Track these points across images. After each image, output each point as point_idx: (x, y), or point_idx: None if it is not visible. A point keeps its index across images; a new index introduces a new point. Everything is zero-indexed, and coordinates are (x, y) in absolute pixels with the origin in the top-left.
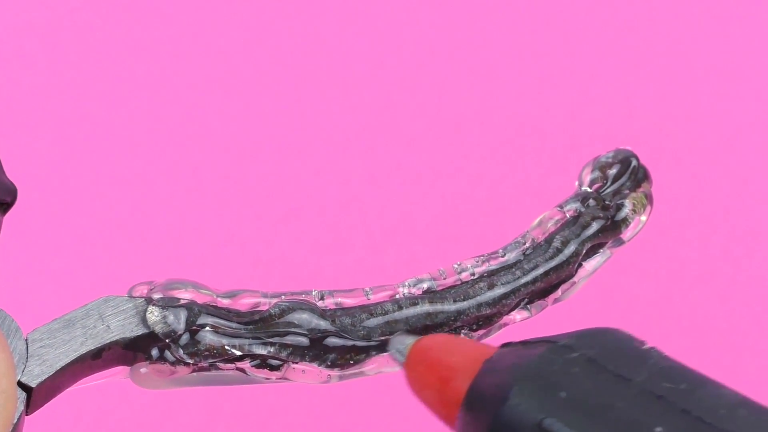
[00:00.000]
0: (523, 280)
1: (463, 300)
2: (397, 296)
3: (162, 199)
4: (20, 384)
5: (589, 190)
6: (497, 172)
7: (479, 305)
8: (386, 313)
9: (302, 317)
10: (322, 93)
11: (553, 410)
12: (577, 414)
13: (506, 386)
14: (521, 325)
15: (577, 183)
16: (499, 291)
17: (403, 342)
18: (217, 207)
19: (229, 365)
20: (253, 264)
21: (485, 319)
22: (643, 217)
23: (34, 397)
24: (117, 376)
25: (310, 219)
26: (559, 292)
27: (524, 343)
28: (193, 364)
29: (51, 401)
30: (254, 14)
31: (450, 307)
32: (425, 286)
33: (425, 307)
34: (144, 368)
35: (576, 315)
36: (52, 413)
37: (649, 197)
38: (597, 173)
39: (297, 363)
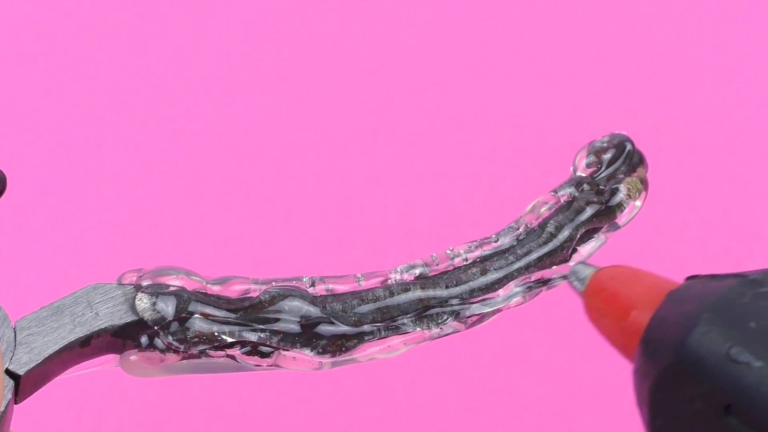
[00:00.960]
0: (516, 266)
1: (456, 285)
2: (389, 282)
3: (151, 187)
4: (8, 372)
5: (583, 174)
6: (491, 158)
7: (472, 291)
8: (378, 299)
9: (293, 304)
10: (312, 82)
11: (742, 340)
12: (765, 345)
13: (695, 315)
14: (515, 310)
15: (571, 168)
16: (491, 276)
17: (584, 271)
18: (206, 194)
19: (219, 352)
20: (244, 252)
21: None
22: (638, 202)
23: (22, 385)
24: (107, 364)
25: (301, 206)
26: None
27: (712, 277)
28: (183, 352)
29: (40, 390)
30: (254, 12)
31: (442, 292)
32: (417, 271)
33: (417, 293)
34: (134, 356)
35: (571, 300)
36: (42, 402)
37: (644, 182)
38: (592, 158)
39: (288, 350)
